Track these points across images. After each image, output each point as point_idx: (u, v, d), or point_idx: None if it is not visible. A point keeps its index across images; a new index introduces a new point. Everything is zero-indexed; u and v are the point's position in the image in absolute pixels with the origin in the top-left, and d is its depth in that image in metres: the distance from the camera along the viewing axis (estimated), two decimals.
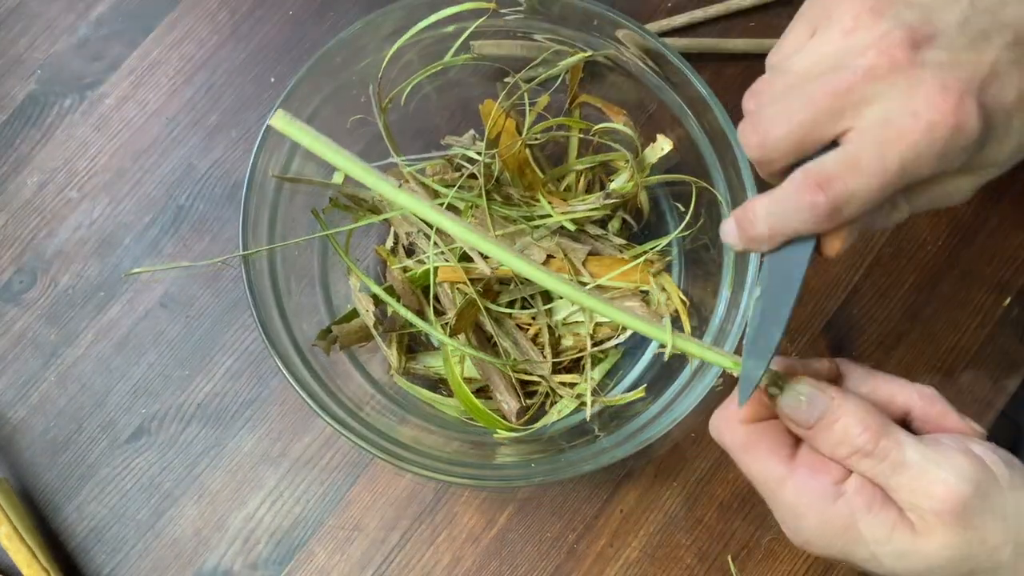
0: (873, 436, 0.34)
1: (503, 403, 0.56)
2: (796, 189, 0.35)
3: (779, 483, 0.36)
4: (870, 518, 0.34)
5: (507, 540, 0.61)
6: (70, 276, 0.65)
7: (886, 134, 0.33)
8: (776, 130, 0.36)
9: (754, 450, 0.37)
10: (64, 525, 0.61)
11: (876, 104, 0.34)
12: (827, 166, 0.35)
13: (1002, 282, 0.64)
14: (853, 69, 0.34)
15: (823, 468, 0.36)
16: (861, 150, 0.34)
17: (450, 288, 0.57)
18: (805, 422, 0.36)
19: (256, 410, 0.63)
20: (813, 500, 0.35)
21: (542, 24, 0.54)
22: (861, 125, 0.34)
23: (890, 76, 0.33)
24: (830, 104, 0.34)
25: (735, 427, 0.38)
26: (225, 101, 0.68)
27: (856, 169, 0.34)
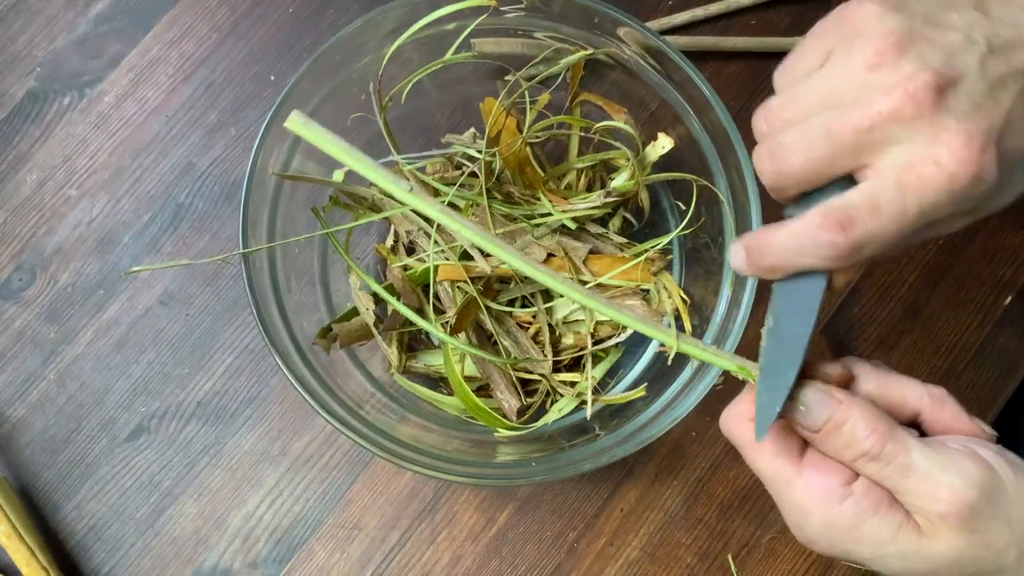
0: (879, 440, 0.34)
1: (503, 401, 0.56)
2: (817, 227, 0.35)
3: (787, 482, 0.37)
4: (876, 519, 0.35)
5: (507, 539, 0.60)
6: (69, 274, 0.65)
7: (907, 179, 0.34)
8: (793, 159, 0.36)
9: (763, 448, 0.37)
10: (63, 524, 0.61)
11: (898, 146, 0.34)
12: (847, 207, 0.35)
13: (1002, 281, 0.64)
14: (878, 108, 0.33)
15: (831, 469, 0.36)
16: (882, 193, 0.34)
17: (450, 286, 0.57)
18: (812, 426, 0.36)
19: (256, 408, 0.62)
20: (820, 500, 0.36)
21: (543, 22, 0.54)
22: (881, 165, 0.34)
23: (914, 120, 0.33)
24: (851, 140, 0.34)
25: (745, 424, 0.38)
26: (225, 99, 0.67)
27: (876, 212, 0.34)
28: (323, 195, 0.57)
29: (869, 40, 0.34)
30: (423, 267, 0.56)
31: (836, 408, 0.36)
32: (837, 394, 0.36)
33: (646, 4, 0.69)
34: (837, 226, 0.34)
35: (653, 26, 0.67)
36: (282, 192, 0.53)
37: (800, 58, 0.38)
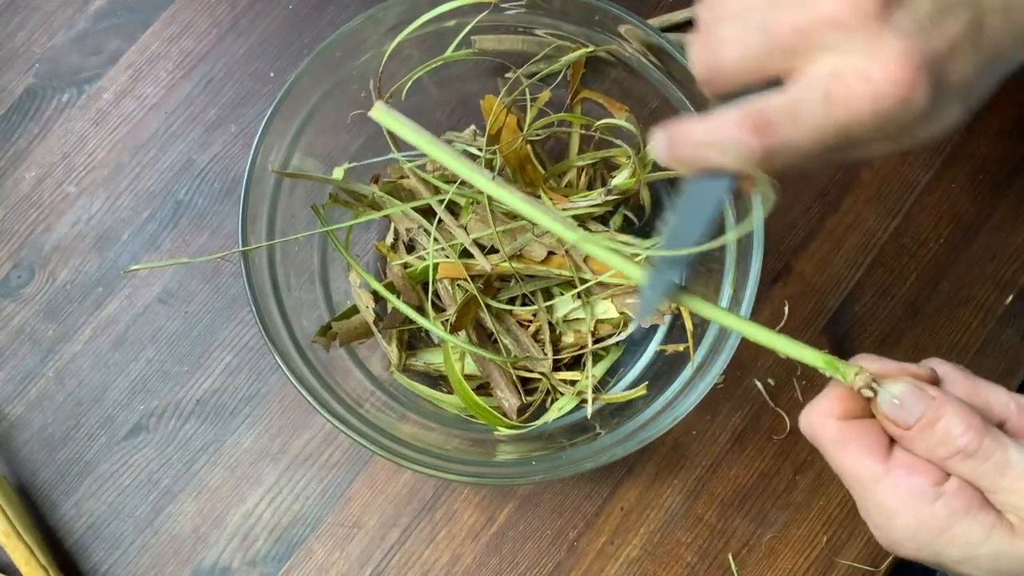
0: (976, 436, 0.33)
1: (503, 400, 0.55)
2: (734, 125, 0.34)
3: (874, 480, 0.35)
4: (968, 519, 0.33)
5: (507, 537, 0.60)
6: (68, 271, 0.64)
7: (834, 90, 0.32)
8: (727, 52, 0.35)
9: (849, 447, 0.36)
10: (62, 522, 0.61)
11: (832, 53, 0.33)
12: (767, 110, 0.33)
13: (1004, 280, 0.64)
14: (818, 10, 0.32)
15: (921, 469, 0.35)
16: (805, 100, 0.33)
17: (450, 284, 0.57)
18: (905, 422, 0.34)
19: (255, 406, 0.62)
20: (910, 500, 0.34)
21: (543, 19, 0.54)
22: (811, 70, 0.33)
23: (854, 29, 0.32)
24: (787, 39, 0.33)
25: (828, 423, 0.37)
26: (224, 96, 0.67)
27: (796, 121, 0.33)
28: (323, 192, 0.56)
29: None
30: (423, 265, 0.55)
31: (930, 404, 0.34)
32: (930, 390, 0.35)
33: (647, 1, 0.68)
34: (753, 128, 0.33)
35: (654, 23, 0.67)
36: (282, 189, 0.53)
37: None
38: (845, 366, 0.36)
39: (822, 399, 0.37)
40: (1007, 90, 0.67)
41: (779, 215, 0.65)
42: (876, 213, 0.65)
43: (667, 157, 0.37)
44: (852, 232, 0.65)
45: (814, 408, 0.38)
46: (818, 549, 0.60)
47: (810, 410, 0.38)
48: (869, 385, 0.36)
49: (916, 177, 0.65)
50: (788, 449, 0.61)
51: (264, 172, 0.51)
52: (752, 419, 0.62)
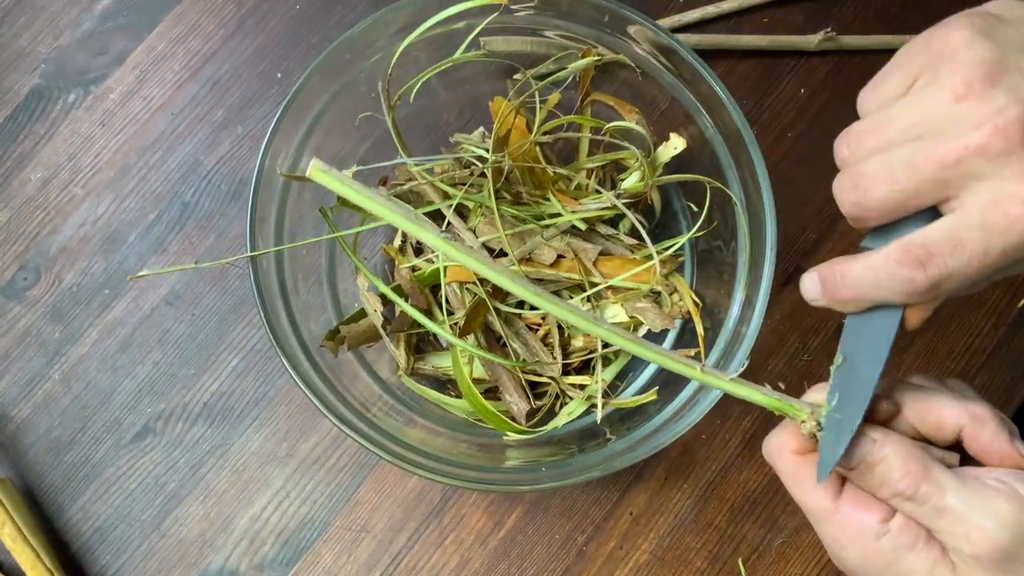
0: (913, 481, 0.34)
1: (512, 404, 0.55)
2: (896, 262, 0.34)
3: (825, 515, 0.37)
4: (912, 556, 0.35)
5: (515, 542, 0.60)
6: (75, 273, 0.64)
7: (993, 218, 0.33)
8: (876, 191, 0.35)
9: (802, 482, 0.37)
10: (68, 525, 0.61)
11: (985, 182, 0.33)
12: (928, 243, 0.34)
13: (1016, 283, 0.64)
14: (965, 142, 0.33)
15: (868, 505, 0.36)
16: (965, 230, 0.33)
17: (459, 287, 0.56)
18: (845, 464, 0.36)
19: (263, 409, 0.62)
20: (856, 536, 0.36)
21: (553, 20, 0.53)
22: (966, 200, 0.33)
23: (1003, 156, 0.32)
24: (935, 173, 0.33)
25: (786, 456, 0.38)
26: (231, 97, 0.67)
27: (958, 250, 0.33)
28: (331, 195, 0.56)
29: (957, 68, 0.33)
30: (431, 268, 0.55)
31: (870, 448, 0.35)
32: (872, 433, 0.36)
33: (657, 2, 0.68)
34: (916, 262, 0.34)
35: (664, 24, 0.66)
36: (290, 191, 0.52)
37: (885, 81, 0.37)
38: (797, 408, 0.37)
39: (780, 432, 0.39)
40: None
41: (790, 217, 0.64)
42: None
43: (824, 298, 0.38)
44: None
45: (772, 440, 0.39)
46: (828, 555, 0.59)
47: (768, 441, 0.39)
48: (814, 432, 0.36)
49: None
50: None
51: (272, 174, 0.51)
52: (762, 423, 0.61)
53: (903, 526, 0.35)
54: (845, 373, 0.38)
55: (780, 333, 0.62)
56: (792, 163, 0.65)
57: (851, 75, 0.67)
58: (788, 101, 0.67)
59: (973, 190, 0.33)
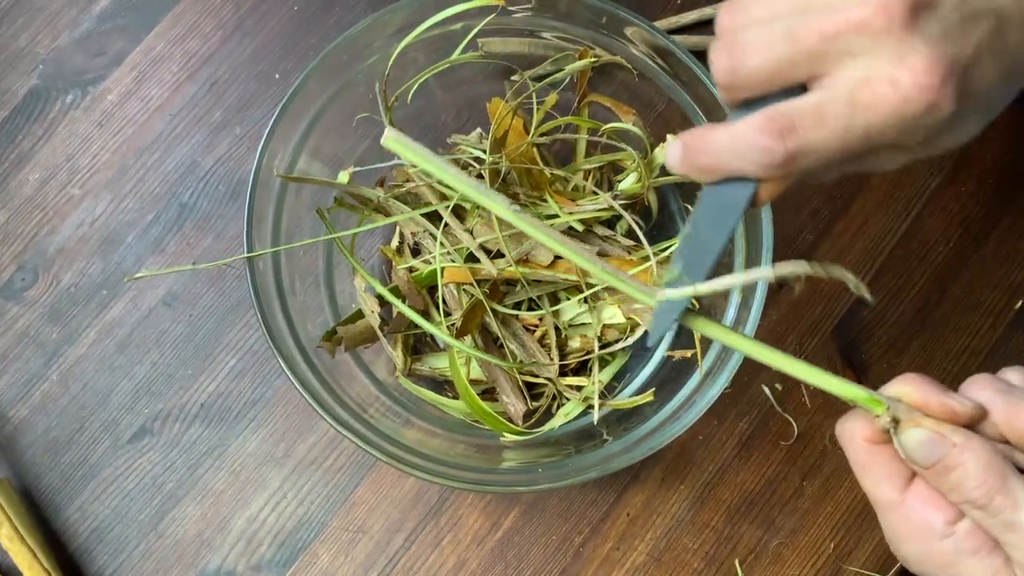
0: (987, 492, 0.33)
1: (509, 405, 0.55)
2: (757, 130, 0.34)
3: (889, 507, 0.36)
4: (974, 561, 0.34)
5: (512, 543, 0.60)
6: (72, 274, 0.64)
7: (860, 96, 0.32)
8: (751, 59, 0.34)
9: (870, 470, 0.36)
10: (66, 526, 0.61)
11: (859, 59, 0.33)
12: (792, 114, 0.33)
13: (1014, 284, 0.64)
14: (847, 16, 0.32)
15: (937, 504, 0.35)
16: (831, 104, 0.33)
17: (456, 289, 0.56)
18: (921, 464, 0.34)
19: (260, 410, 0.62)
20: (920, 532, 0.34)
21: (550, 22, 0.53)
22: (837, 75, 0.33)
23: (882, 34, 0.32)
24: (813, 45, 0.33)
25: (856, 443, 0.36)
26: (229, 97, 0.67)
27: (821, 124, 0.33)
28: (329, 195, 0.56)
29: None
30: (429, 269, 0.55)
31: (949, 451, 0.34)
32: (953, 436, 0.34)
33: (654, 3, 0.68)
34: (777, 132, 0.33)
35: (661, 25, 0.66)
36: (287, 192, 0.52)
37: None
38: (875, 400, 0.35)
39: (854, 418, 0.37)
40: None
41: (787, 219, 0.64)
42: (885, 217, 0.64)
43: (684, 165, 0.37)
44: (861, 236, 0.64)
45: (845, 425, 0.37)
46: (825, 556, 0.60)
47: (842, 425, 0.37)
48: (888, 428, 0.35)
49: (925, 181, 0.65)
50: (795, 455, 0.61)
51: (269, 175, 0.51)
52: (759, 424, 0.61)
53: (969, 531, 0.34)
54: (691, 243, 0.38)
55: (777, 334, 0.63)
56: None
57: None
58: None
59: (847, 66, 0.33)
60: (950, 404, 0.35)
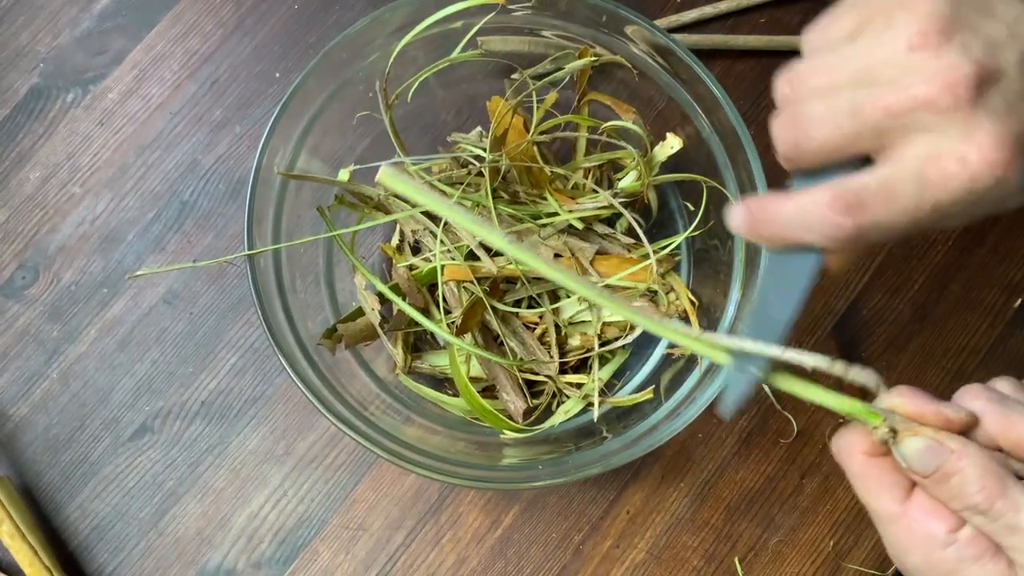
0: (988, 496, 0.33)
1: (509, 403, 0.55)
2: (825, 205, 0.34)
3: (891, 519, 0.36)
4: (976, 567, 0.33)
5: (512, 541, 0.60)
6: (73, 272, 0.64)
7: (929, 172, 0.33)
8: (816, 132, 0.34)
9: (869, 483, 0.36)
10: (66, 523, 0.61)
11: (926, 135, 0.33)
12: (860, 190, 0.33)
13: (1013, 283, 0.64)
14: (914, 93, 0.32)
15: (938, 514, 0.34)
16: (900, 181, 0.33)
17: (456, 286, 0.57)
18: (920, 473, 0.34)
19: (260, 408, 0.62)
20: (922, 542, 0.34)
21: (550, 20, 0.54)
22: (904, 150, 0.33)
23: (948, 111, 0.32)
24: (879, 121, 0.33)
25: (855, 456, 0.36)
26: (229, 96, 0.67)
27: (890, 201, 0.33)
28: (329, 193, 0.56)
29: (913, 18, 0.33)
30: (429, 267, 0.55)
31: (947, 458, 0.34)
32: (950, 443, 0.34)
33: (654, 2, 0.68)
34: (846, 208, 0.33)
35: (661, 24, 0.67)
36: (288, 190, 0.53)
37: (836, 22, 0.36)
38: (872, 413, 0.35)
39: (851, 432, 0.37)
40: None
41: None
42: None
43: (749, 232, 0.37)
44: None
45: (842, 440, 0.37)
46: (824, 553, 0.60)
47: (838, 440, 0.37)
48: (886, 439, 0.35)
49: None
50: (795, 453, 0.61)
51: (270, 173, 0.51)
52: (759, 422, 0.61)
53: (971, 538, 0.34)
54: (759, 313, 0.37)
55: None
56: None
57: None
58: None
59: (913, 141, 0.33)
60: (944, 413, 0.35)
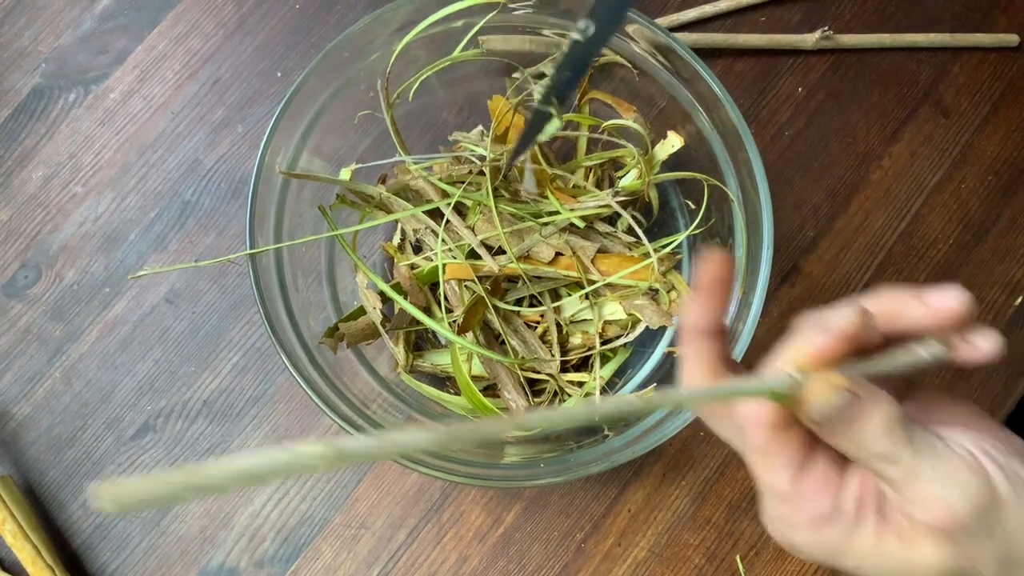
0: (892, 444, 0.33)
1: (511, 401, 0.55)
2: None
3: (783, 498, 0.35)
4: (861, 530, 0.34)
5: (514, 539, 0.60)
6: (75, 271, 0.64)
7: None
8: None
9: (772, 458, 0.35)
10: (69, 522, 0.61)
11: None
12: None
13: (1013, 281, 0.64)
14: None
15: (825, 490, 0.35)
16: None
17: (458, 285, 0.57)
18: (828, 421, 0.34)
19: (262, 407, 0.62)
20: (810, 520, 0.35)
21: (551, 19, 0.54)
22: None
23: None
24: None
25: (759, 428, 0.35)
26: (231, 96, 0.67)
27: None
28: (330, 192, 0.56)
29: None
30: (430, 266, 0.55)
31: (854, 405, 0.33)
32: (860, 391, 0.34)
33: (655, 1, 0.68)
34: None
35: (662, 23, 0.67)
36: (289, 189, 0.53)
37: None
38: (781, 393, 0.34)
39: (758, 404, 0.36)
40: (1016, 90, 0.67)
41: (787, 215, 0.64)
42: (885, 214, 0.65)
43: None
44: (861, 233, 0.64)
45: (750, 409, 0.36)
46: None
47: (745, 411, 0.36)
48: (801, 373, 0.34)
49: (925, 178, 0.65)
50: None
51: (271, 172, 0.51)
52: None
53: (855, 505, 0.34)
54: None
55: (777, 331, 0.62)
56: (789, 161, 0.66)
57: (848, 74, 0.67)
58: (785, 99, 0.67)
59: None
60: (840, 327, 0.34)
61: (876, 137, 0.66)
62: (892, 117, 0.67)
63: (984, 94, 0.67)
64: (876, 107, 0.67)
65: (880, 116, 0.67)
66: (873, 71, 0.68)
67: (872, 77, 0.67)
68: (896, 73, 0.68)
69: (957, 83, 0.68)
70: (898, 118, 0.67)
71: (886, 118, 0.67)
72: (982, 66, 0.68)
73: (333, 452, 0.24)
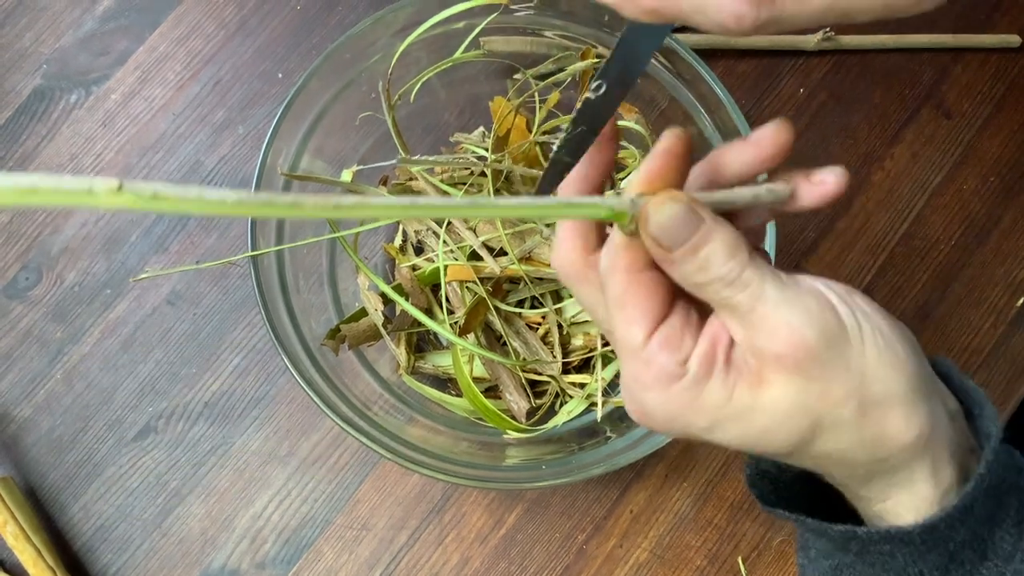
0: (738, 265, 0.31)
1: (512, 403, 0.55)
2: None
3: (634, 352, 0.33)
4: (710, 381, 0.32)
5: (516, 540, 0.60)
6: (76, 273, 0.64)
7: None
8: None
9: (627, 306, 0.33)
10: (70, 524, 0.61)
11: None
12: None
13: (1015, 282, 0.64)
14: None
15: (673, 347, 0.33)
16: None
17: (459, 287, 0.57)
18: (672, 244, 0.32)
19: (264, 408, 0.62)
20: (658, 377, 0.33)
21: (552, 20, 0.54)
22: None
23: None
24: None
25: (617, 273, 0.34)
26: (232, 97, 0.67)
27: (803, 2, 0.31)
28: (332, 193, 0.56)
29: None
30: (432, 267, 0.55)
31: (699, 226, 0.32)
32: (701, 211, 0.32)
33: None
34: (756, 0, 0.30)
35: None
36: (291, 190, 0.53)
37: None
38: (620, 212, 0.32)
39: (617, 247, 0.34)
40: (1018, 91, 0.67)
41: (789, 217, 0.64)
42: (887, 215, 0.65)
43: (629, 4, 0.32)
44: (863, 234, 0.64)
45: (608, 255, 0.34)
46: None
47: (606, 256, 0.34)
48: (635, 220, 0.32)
49: (927, 179, 0.65)
50: None
51: (273, 174, 0.51)
52: None
53: (702, 358, 0.32)
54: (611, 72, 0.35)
55: None
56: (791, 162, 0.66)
57: (849, 75, 0.67)
58: (787, 100, 0.67)
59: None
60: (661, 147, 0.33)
61: (878, 138, 0.66)
62: (894, 118, 0.67)
63: (986, 95, 0.67)
64: (878, 108, 0.67)
65: (882, 117, 0.67)
66: (875, 72, 0.68)
67: (874, 78, 0.67)
68: (898, 74, 0.68)
69: (959, 84, 0.68)
70: (900, 119, 0.67)
71: (888, 119, 0.67)
72: (984, 67, 0.68)
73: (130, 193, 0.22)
